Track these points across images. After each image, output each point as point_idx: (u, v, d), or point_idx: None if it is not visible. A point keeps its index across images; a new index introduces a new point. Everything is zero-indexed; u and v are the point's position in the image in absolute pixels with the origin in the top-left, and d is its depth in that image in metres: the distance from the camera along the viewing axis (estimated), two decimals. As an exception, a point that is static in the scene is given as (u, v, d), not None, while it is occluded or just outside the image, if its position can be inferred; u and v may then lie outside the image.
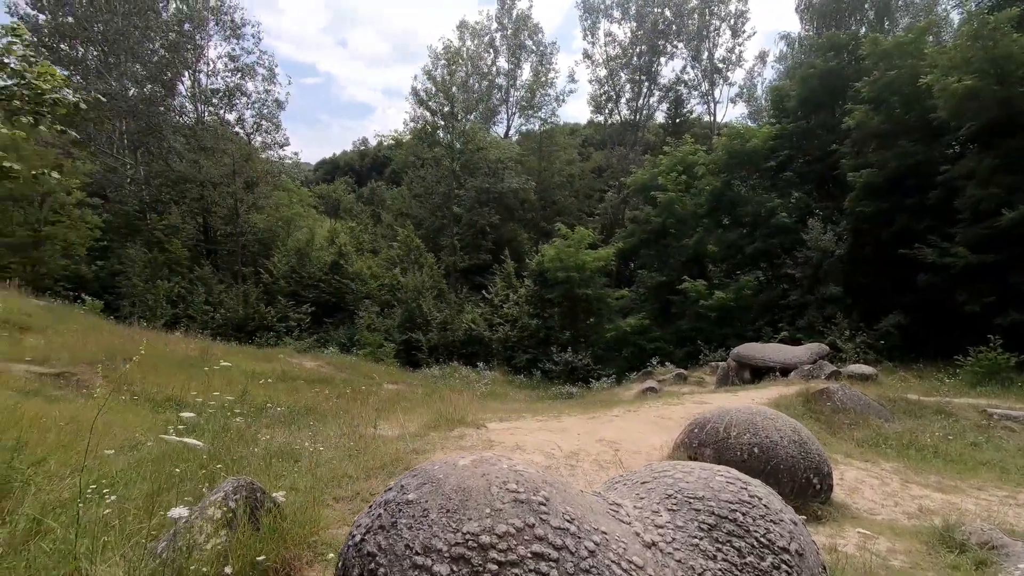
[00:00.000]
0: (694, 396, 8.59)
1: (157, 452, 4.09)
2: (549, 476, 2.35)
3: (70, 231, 23.48)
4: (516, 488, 2.16)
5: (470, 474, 2.22)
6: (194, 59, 33.75)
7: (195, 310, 25.78)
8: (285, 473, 3.88)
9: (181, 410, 7.81)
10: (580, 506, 2.23)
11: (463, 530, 2.00)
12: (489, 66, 42.67)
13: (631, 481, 2.61)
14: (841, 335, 17.08)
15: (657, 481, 2.47)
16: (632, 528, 2.23)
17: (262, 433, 5.27)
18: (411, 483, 2.25)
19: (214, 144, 30.79)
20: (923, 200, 16.86)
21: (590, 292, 23.36)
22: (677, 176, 25.31)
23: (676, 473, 2.48)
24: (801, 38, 34.27)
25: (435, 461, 2.39)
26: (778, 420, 4.36)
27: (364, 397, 10.67)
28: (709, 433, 4.40)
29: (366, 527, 2.15)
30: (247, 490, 2.85)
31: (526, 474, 2.26)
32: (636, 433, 5.72)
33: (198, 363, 12.78)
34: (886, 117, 18.39)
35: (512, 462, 2.36)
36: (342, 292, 29.73)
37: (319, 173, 77.50)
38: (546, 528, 2.03)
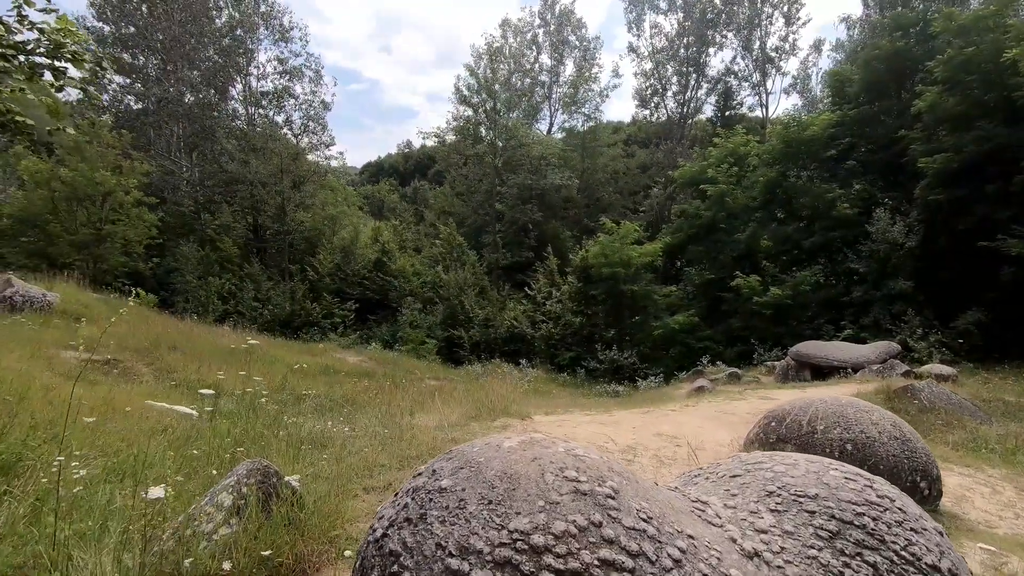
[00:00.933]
0: (757, 392, 7.89)
1: (182, 435, 3.83)
2: (615, 463, 1.89)
3: (129, 229, 24.39)
4: (576, 476, 1.71)
5: (518, 458, 1.78)
6: (246, 63, 34.71)
7: (244, 306, 26.38)
8: (312, 461, 3.54)
9: (219, 397, 7.68)
10: (658, 502, 1.75)
11: (510, 527, 1.56)
12: (532, 63, 42.27)
13: (715, 474, 2.11)
14: (912, 334, 15.81)
15: (752, 475, 1.97)
16: (726, 532, 1.73)
17: (296, 419, 4.98)
18: (445, 467, 1.83)
19: (263, 145, 31.54)
20: (1006, 187, 15.41)
21: (636, 289, 22.58)
22: (728, 168, 24.22)
23: (776, 465, 1.97)
24: (863, 20, 32.35)
25: (474, 443, 1.96)
26: (873, 413, 3.73)
27: (405, 389, 10.40)
28: (790, 427, 3.81)
29: (389, 520, 1.74)
30: (261, 475, 2.49)
31: (588, 459, 1.80)
32: (697, 428, 5.16)
33: (243, 355, 12.87)
34: (962, 98, 16.95)
35: (569, 445, 1.91)
36: (385, 289, 29.91)
37: (364, 176, 79.02)
38: (617, 528, 1.57)
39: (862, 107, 21.91)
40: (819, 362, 13.44)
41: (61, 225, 22.54)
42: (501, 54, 38.17)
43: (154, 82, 32.85)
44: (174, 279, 26.56)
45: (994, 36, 16.15)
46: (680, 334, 22.22)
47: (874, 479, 1.91)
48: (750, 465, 2.02)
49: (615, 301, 22.96)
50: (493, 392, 6.45)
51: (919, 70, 19.96)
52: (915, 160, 18.07)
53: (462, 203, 37.75)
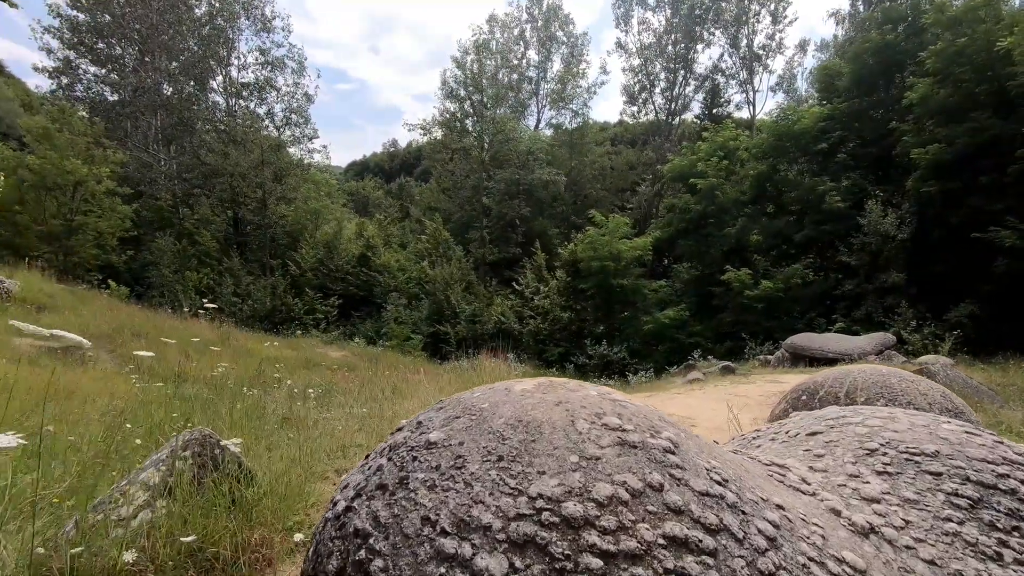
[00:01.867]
0: (764, 376, 7.50)
1: (126, 410, 3.28)
2: (662, 413, 1.41)
3: (101, 221, 23.46)
4: (620, 424, 1.22)
5: (536, 402, 1.28)
6: (226, 53, 33.80)
7: (223, 301, 25.54)
8: (276, 440, 3.02)
9: (184, 382, 7.10)
10: (729, 462, 1.28)
11: (531, 491, 1.06)
12: (519, 59, 41.84)
13: (782, 434, 1.64)
14: (906, 326, 15.61)
15: (838, 431, 1.50)
16: (822, 501, 1.27)
17: (265, 401, 4.45)
18: (435, 418, 1.33)
19: (244, 136, 30.71)
20: (1000, 178, 15.29)
21: (626, 283, 22.21)
22: (718, 162, 23.97)
23: (868, 419, 1.51)
24: (852, 14, 32.37)
25: (473, 390, 1.47)
26: (920, 383, 3.31)
27: (388, 379, 9.86)
28: (824, 399, 3.38)
29: (356, 488, 1.24)
30: (199, 445, 1.98)
31: (631, 405, 1.32)
32: (709, 411, 4.73)
33: (217, 345, 12.23)
34: (954, 90, 16.83)
35: (601, 388, 1.42)
36: (370, 285, 29.24)
37: (349, 174, 78.02)
38: (685, 493, 1.09)
39: (852, 100, 21.78)
40: (815, 354, 13.13)
41: (29, 216, 21.57)
42: (488, 49, 37.67)
43: (131, 72, 31.83)
44: (150, 273, 25.66)
45: (986, 27, 16.04)
46: (670, 329, 21.90)
47: (999, 436, 1.46)
48: (831, 420, 1.56)
49: (604, 296, 22.57)
50: (486, 373, 5.96)
51: (909, 63, 19.87)
52: (906, 153, 17.93)
53: (448, 199, 37.19)
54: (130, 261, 26.23)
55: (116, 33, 32.07)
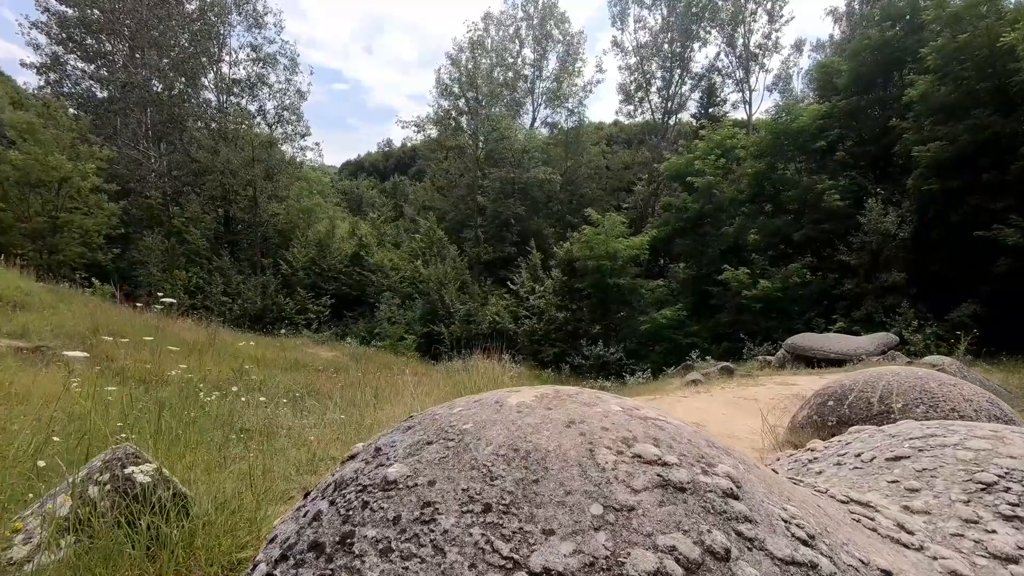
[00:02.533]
0: (773, 378, 7.19)
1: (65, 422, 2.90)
2: (709, 435, 1.05)
3: (87, 218, 22.96)
4: (659, 455, 0.86)
5: (540, 421, 0.92)
6: (217, 49, 33.29)
7: (212, 300, 25.09)
8: (240, 455, 2.65)
9: (162, 388, 6.71)
10: (805, 504, 0.92)
11: (533, 563, 0.70)
12: (515, 57, 41.51)
13: (852, 455, 1.29)
14: (907, 326, 15.35)
15: (931, 455, 1.16)
16: (937, 560, 0.92)
17: (234, 408, 4.07)
18: (399, 443, 0.97)
19: (235, 132, 30.26)
20: (1002, 176, 15.05)
21: (622, 282, 21.89)
22: (715, 160, 23.70)
23: (971, 440, 1.17)
24: (849, 13, 32.22)
25: (455, 402, 1.11)
26: (963, 386, 2.97)
27: (378, 381, 9.48)
28: (856, 406, 3.05)
29: (284, 546, 0.88)
30: (120, 467, 1.61)
31: (670, 426, 0.96)
32: (719, 415, 4.40)
33: (202, 347, 11.82)
34: (955, 87, 16.59)
35: (624, 401, 1.07)
36: (363, 285, 28.83)
37: (343, 174, 77.46)
38: (762, 562, 0.72)
39: (851, 98, 21.54)
40: (816, 354, 12.85)
41: (12, 213, 21.05)
42: (483, 47, 37.33)
43: (120, 68, 31.30)
44: (138, 272, 25.16)
45: (988, 22, 15.80)
46: (667, 329, 21.60)
47: None
48: (916, 440, 1.22)
49: (601, 295, 22.25)
50: (479, 375, 5.61)
51: (909, 60, 19.65)
52: (906, 151, 17.69)
53: (443, 198, 36.81)
54: (117, 259, 25.72)
55: (105, 28, 31.55)
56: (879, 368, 3.41)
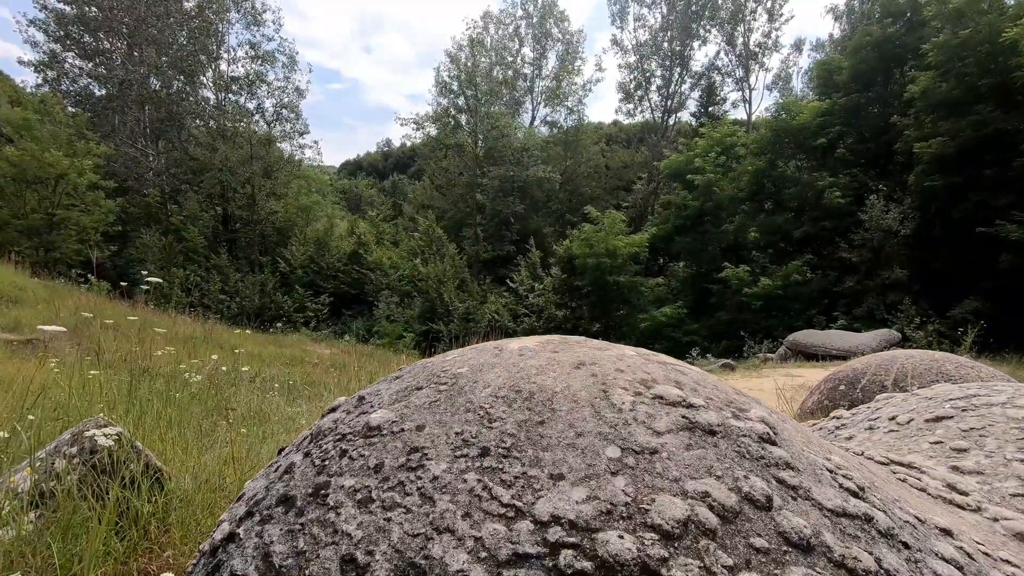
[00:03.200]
0: (777, 370, 7.06)
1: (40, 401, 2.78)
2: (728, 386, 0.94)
3: (84, 215, 22.79)
4: (682, 395, 0.74)
5: (545, 363, 0.81)
6: (216, 47, 33.15)
7: (210, 298, 24.95)
8: (224, 438, 2.53)
9: (154, 380, 6.58)
10: (849, 459, 0.81)
11: (539, 510, 0.57)
12: (514, 55, 41.41)
13: (885, 418, 1.18)
14: (909, 323, 15.25)
15: (979, 415, 1.04)
16: (998, 521, 0.80)
17: (231, 395, 3.96)
18: (385, 391, 0.85)
19: (233, 129, 30.13)
20: (1004, 172, 14.96)
21: (622, 280, 21.77)
22: (716, 158, 23.59)
23: (1019, 395, 1.05)
24: (849, 10, 32.13)
25: (447, 353, 0.99)
26: (980, 368, 2.86)
27: (372, 371, 9.34)
28: (868, 389, 2.93)
29: (250, 503, 0.76)
30: (91, 442, 1.49)
31: (693, 371, 0.85)
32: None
33: (198, 342, 11.70)
34: (957, 82, 16.50)
35: (640, 349, 0.95)
36: (362, 283, 28.71)
37: (343, 174, 77.31)
38: (810, 513, 0.60)
39: (851, 96, 21.43)
40: (817, 351, 12.75)
41: (9, 210, 20.89)
42: (482, 45, 37.22)
43: (118, 66, 31.15)
44: (135, 270, 25.01)
45: (990, 18, 15.71)
46: (667, 327, 21.49)
47: None
48: (958, 400, 1.11)
49: (600, 293, 22.13)
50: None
51: (910, 57, 19.56)
52: (907, 147, 17.61)
53: (442, 196, 36.68)
54: (114, 257, 25.55)
55: (103, 26, 31.43)
56: (891, 351, 3.31)
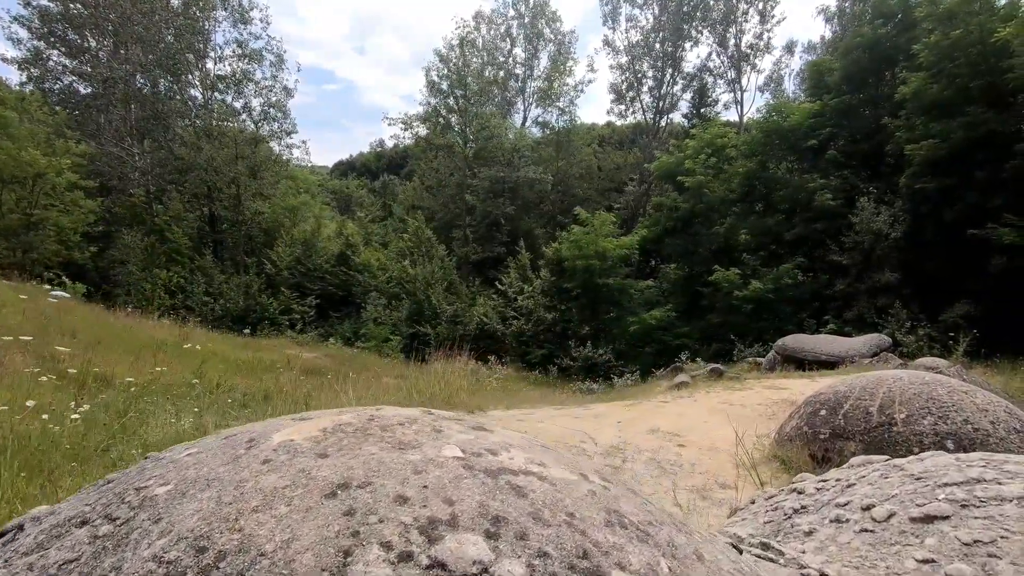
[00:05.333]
0: (762, 381, 6.78)
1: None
2: (653, 506, 0.61)
3: (63, 216, 22.31)
4: (484, 559, 0.39)
5: (288, 483, 0.49)
6: (201, 44, 32.68)
7: (194, 300, 24.51)
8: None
9: (103, 391, 6.26)
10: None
11: None
12: (506, 55, 41.14)
13: (857, 507, 0.87)
14: (900, 327, 15.05)
15: (986, 514, 0.73)
16: None
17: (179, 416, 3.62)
18: (47, 522, 0.51)
19: (219, 128, 29.69)
20: (996, 174, 14.78)
21: (612, 283, 21.50)
22: (706, 159, 23.37)
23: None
24: (840, 11, 32.05)
25: (196, 442, 0.67)
26: (977, 395, 2.57)
27: (354, 384, 9.01)
28: (852, 416, 2.63)
29: None
30: None
31: (541, 489, 0.51)
32: (700, 422, 3.99)
33: (170, 348, 11.33)
34: (948, 83, 16.33)
35: (482, 438, 0.62)
36: (349, 285, 28.34)
37: (335, 174, 76.90)
38: None
39: (843, 97, 21.27)
40: (806, 356, 12.52)
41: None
42: (474, 45, 36.95)
43: (104, 65, 30.66)
44: (118, 271, 24.53)
45: (981, 19, 15.56)
46: (657, 330, 21.23)
47: None
48: (956, 487, 0.79)
49: (590, 296, 21.85)
50: (436, 380, 5.17)
51: (901, 58, 19.42)
52: (899, 149, 17.44)
53: (432, 197, 36.33)
54: (96, 258, 25.07)
55: (88, 23, 30.95)
56: (879, 372, 3.01)
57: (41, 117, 21.56)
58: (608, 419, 3.98)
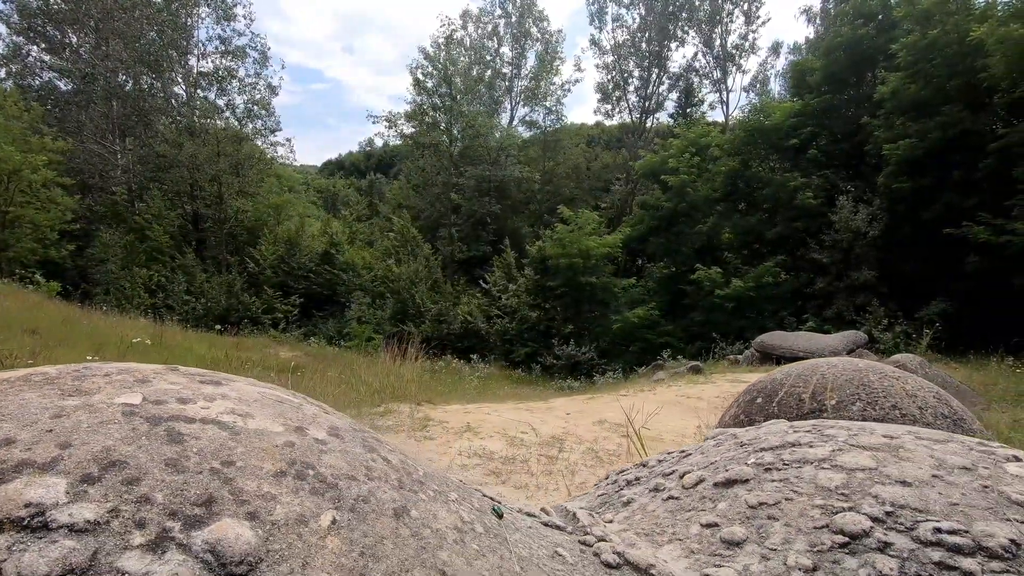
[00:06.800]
0: (725, 375, 6.77)
1: None
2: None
3: (40, 213, 21.94)
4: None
5: None
6: (184, 41, 32.32)
7: (175, 299, 24.21)
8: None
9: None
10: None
11: None
12: (493, 55, 41.09)
13: (680, 476, 0.83)
14: (877, 324, 15.17)
15: (783, 479, 0.69)
16: None
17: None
18: None
19: (201, 126, 29.36)
20: (971, 173, 14.95)
21: (595, 281, 21.49)
22: (690, 158, 23.45)
23: (849, 452, 0.71)
24: (823, 11, 32.31)
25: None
26: (907, 380, 2.56)
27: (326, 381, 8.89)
28: (786, 403, 2.61)
29: None
30: None
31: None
32: (653, 415, 3.96)
33: (140, 347, 11.14)
34: (925, 83, 16.51)
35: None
36: (333, 283, 28.11)
37: (324, 173, 76.44)
38: None
39: (824, 96, 21.44)
40: (784, 353, 12.57)
41: (-42, 207, 20.02)
42: (461, 44, 36.87)
43: (85, 62, 30.23)
44: (97, 270, 24.17)
45: (957, 19, 15.73)
46: (640, 329, 21.26)
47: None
48: (769, 452, 0.76)
49: (573, 294, 21.83)
50: (400, 377, 5.09)
51: (881, 58, 19.59)
52: (878, 148, 17.59)
53: (418, 196, 36.17)
54: (75, 257, 24.68)
55: (69, 18, 30.51)
56: (816, 360, 3.00)
57: (15, 113, 21.18)
58: (560, 412, 3.95)
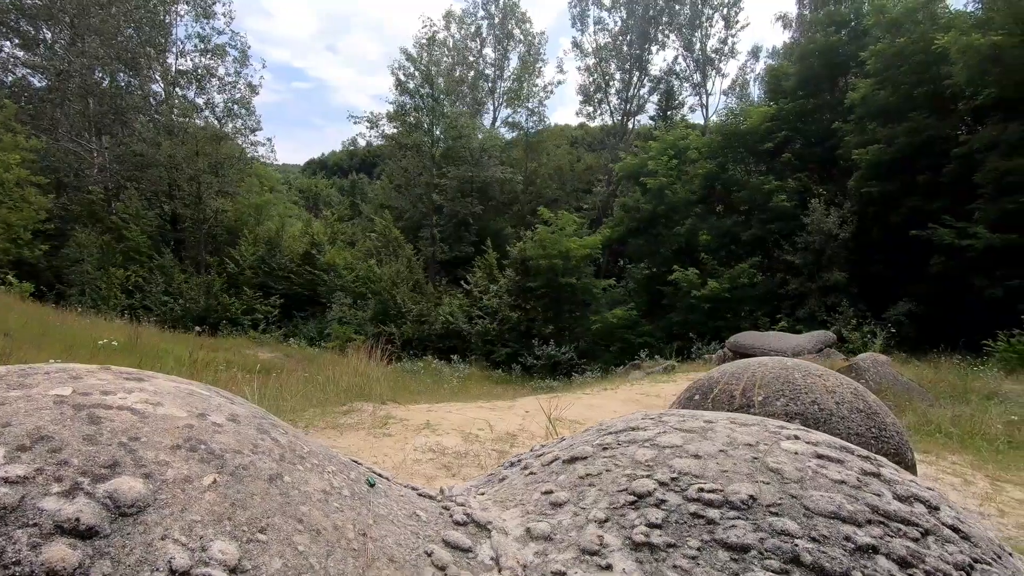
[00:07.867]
0: (688, 374, 6.99)
1: None
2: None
3: (12, 213, 21.56)
4: None
5: None
6: (162, 38, 31.92)
7: (152, 300, 23.94)
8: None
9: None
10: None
11: None
12: (476, 56, 41.19)
13: (543, 460, 0.98)
14: (847, 324, 15.59)
15: (611, 455, 0.86)
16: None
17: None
18: None
19: (180, 125, 29.04)
20: (936, 177, 15.45)
21: (575, 282, 21.72)
22: (668, 160, 23.80)
23: (665, 434, 0.87)
24: (799, 17, 32.99)
25: None
26: (828, 377, 2.76)
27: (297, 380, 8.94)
28: (719, 399, 2.79)
29: None
30: None
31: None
32: (608, 412, 4.13)
33: (111, 348, 11.07)
34: (893, 90, 17.00)
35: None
36: (314, 284, 27.99)
37: (307, 173, 75.88)
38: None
39: (798, 101, 21.93)
40: (755, 352, 12.89)
41: (-74, 207, 19.61)
42: (444, 45, 36.90)
43: (59, 58, 29.70)
44: (72, 270, 23.80)
45: (923, 27, 16.23)
46: (619, 329, 21.54)
47: (878, 459, 0.85)
48: (612, 436, 0.92)
49: (553, 295, 22.03)
50: (352, 373, 5.20)
51: (852, 65, 20.10)
52: (849, 153, 18.05)
53: (400, 196, 36.11)
54: (49, 257, 24.27)
55: (43, 13, 29.96)
56: (749, 360, 3.20)
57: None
58: (520, 410, 4.11)
